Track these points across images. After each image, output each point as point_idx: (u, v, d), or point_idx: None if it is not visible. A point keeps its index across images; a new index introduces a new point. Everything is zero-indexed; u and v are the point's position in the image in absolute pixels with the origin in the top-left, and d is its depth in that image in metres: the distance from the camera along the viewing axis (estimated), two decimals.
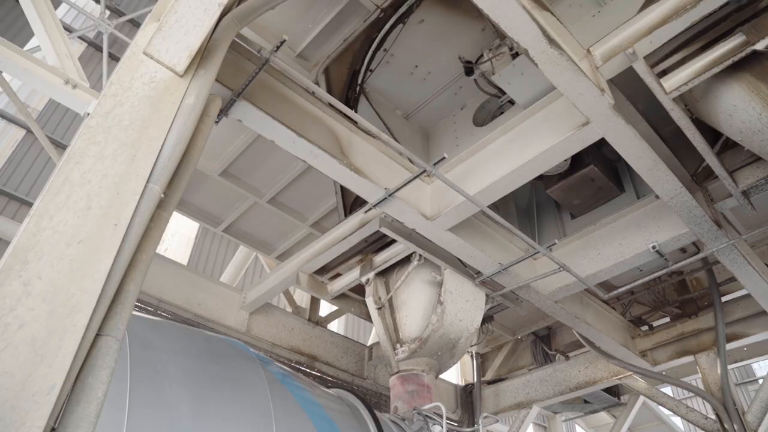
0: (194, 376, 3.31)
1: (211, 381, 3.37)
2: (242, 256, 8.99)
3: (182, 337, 3.60)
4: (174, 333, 3.59)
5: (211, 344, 3.73)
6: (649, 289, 7.66)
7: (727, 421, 6.76)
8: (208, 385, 3.32)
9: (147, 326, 3.48)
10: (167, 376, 3.19)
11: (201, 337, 3.75)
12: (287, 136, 3.87)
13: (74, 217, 2.07)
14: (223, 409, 3.28)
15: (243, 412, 3.40)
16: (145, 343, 3.24)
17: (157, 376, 3.13)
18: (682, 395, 22.03)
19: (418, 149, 6.01)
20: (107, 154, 2.28)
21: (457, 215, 4.56)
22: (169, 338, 3.50)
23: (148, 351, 3.21)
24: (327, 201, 7.05)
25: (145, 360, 3.13)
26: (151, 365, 3.15)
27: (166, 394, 3.10)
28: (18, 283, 1.85)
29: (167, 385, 3.16)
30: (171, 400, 3.10)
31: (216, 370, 3.49)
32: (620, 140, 3.84)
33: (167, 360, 3.28)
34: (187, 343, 3.55)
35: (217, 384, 3.39)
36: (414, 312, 5.64)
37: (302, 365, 7.30)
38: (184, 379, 3.25)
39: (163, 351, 3.32)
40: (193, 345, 3.57)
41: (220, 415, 3.24)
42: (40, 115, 12.50)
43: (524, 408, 9.04)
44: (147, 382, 3.02)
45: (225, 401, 3.34)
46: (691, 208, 4.49)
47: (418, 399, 5.35)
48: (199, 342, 3.65)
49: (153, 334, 3.42)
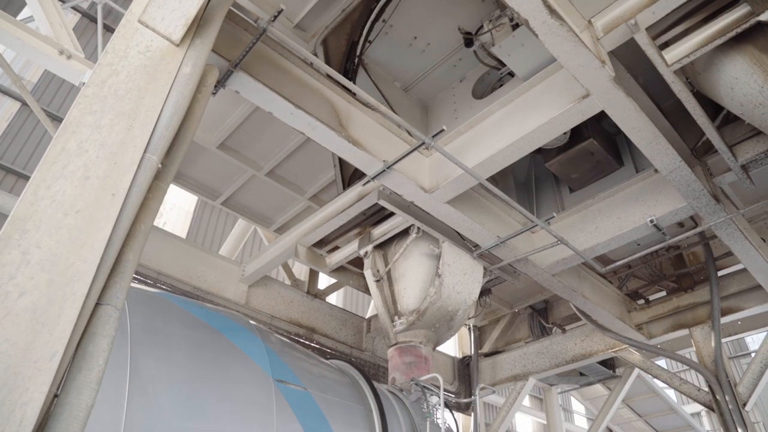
0: (194, 348, 3.34)
1: (210, 352, 3.41)
2: (241, 229, 9.01)
3: (182, 308, 3.63)
4: (173, 305, 3.61)
5: (210, 316, 3.76)
6: (646, 263, 7.71)
7: (719, 393, 6.87)
8: (207, 357, 3.36)
9: (146, 298, 3.50)
10: (167, 347, 3.22)
11: (200, 309, 3.78)
12: (285, 108, 3.84)
13: (72, 187, 2.06)
14: (222, 381, 3.32)
15: (242, 384, 3.44)
16: (145, 314, 3.27)
17: (157, 347, 3.16)
18: (677, 368, 22.35)
19: (417, 122, 5.98)
20: (104, 123, 2.26)
21: (456, 188, 4.55)
22: (169, 310, 3.52)
23: (148, 322, 3.24)
24: (325, 174, 7.03)
25: (145, 331, 3.16)
26: (151, 336, 3.17)
27: (166, 366, 3.13)
28: (17, 252, 1.86)
29: (167, 357, 3.19)
30: (171, 372, 3.13)
31: (215, 342, 3.52)
32: (620, 113, 3.82)
33: (167, 331, 3.31)
34: (186, 314, 3.58)
35: (217, 355, 3.42)
36: (412, 284, 5.68)
37: (301, 337, 7.37)
38: (184, 350, 3.28)
39: (162, 322, 3.35)
40: (193, 317, 3.60)
41: (220, 386, 3.28)
42: (35, 87, 12.38)
43: (521, 380, 9.17)
44: (147, 353, 3.06)
45: (224, 372, 3.38)
46: (689, 182, 4.49)
47: (416, 370, 5.42)
48: (198, 314, 3.68)
49: (152, 306, 3.44)
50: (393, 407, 4.64)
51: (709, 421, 21.92)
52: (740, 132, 4.61)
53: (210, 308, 3.91)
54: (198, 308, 3.77)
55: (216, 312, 3.89)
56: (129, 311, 3.13)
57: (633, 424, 13.59)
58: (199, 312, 3.71)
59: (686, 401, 22.20)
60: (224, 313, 3.95)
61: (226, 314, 3.95)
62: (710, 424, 21.85)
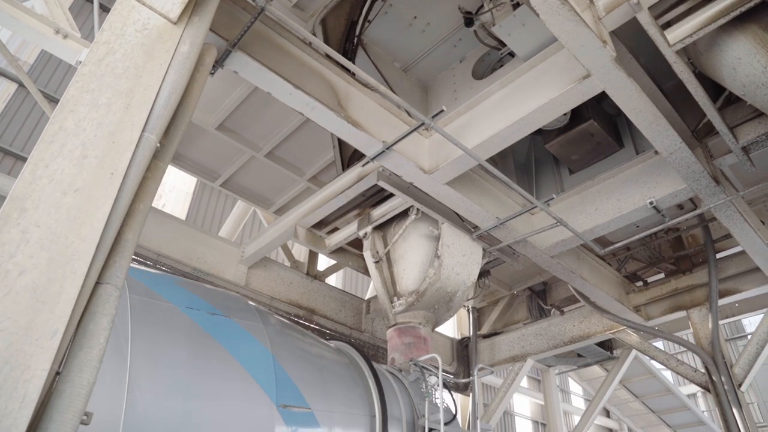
0: (194, 329, 3.36)
1: (210, 333, 3.42)
2: (240, 210, 9.01)
3: (182, 289, 3.64)
4: (173, 285, 3.63)
5: (210, 297, 3.77)
6: (645, 245, 7.73)
7: (716, 374, 6.93)
8: (207, 338, 3.38)
9: (147, 278, 3.51)
10: (167, 328, 3.23)
11: (200, 290, 3.79)
12: (284, 88, 3.82)
13: (70, 166, 2.06)
14: (222, 360, 3.35)
15: (243, 363, 3.47)
16: (146, 294, 3.28)
17: (158, 327, 3.18)
18: (674, 350, 22.54)
19: (417, 102, 5.94)
20: (101, 102, 2.25)
21: (455, 169, 4.54)
22: (169, 290, 3.53)
23: (149, 302, 3.25)
24: (324, 155, 7.01)
25: (146, 311, 3.17)
26: (152, 317, 3.19)
27: (167, 346, 3.15)
28: (16, 231, 1.86)
29: (168, 337, 3.20)
30: (171, 352, 3.15)
31: (216, 322, 3.54)
32: (621, 94, 3.80)
33: (167, 312, 3.33)
34: (186, 295, 3.59)
35: (217, 336, 3.44)
36: (411, 266, 5.70)
37: (301, 318, 7.41)
38: (184, 331, 3.30)
39: (163, 303, 3.36)
40: (193, 297, 3.62)
41: (220, 365, 3.31)
42: (32, 68, 12.28)
43: (519, 361, 9.25)
44: (147, 334, 3.07)
45: (225, 352, 3.40)
46: (690, 164, 4.48)
47: (415, 351, 5.46)
48: (198, 294, 3.69)
49: (153, 286, 3.45)
50: (392, 387, 4.68)
51: (705, 402, 22.18)
52: (741, 113, 4.59)
53: (209, 289, 3.93)
54: (198, 289, 3.78)
55: (216, 293, 3.91)
56: (129, 292, 3.13)
57: (630, 405, 13.76)
58: (199, 293, 3.73)
59: (682, 382, 22.44)
60: (224, 294, 3.97)
61: (226, 295, 3.97)
62: (706, 404, 22.11)
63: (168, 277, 3.79)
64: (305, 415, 3.69)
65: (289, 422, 3.52)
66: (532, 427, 22.17)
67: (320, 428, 3.80)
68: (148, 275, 3.62)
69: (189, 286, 3.76)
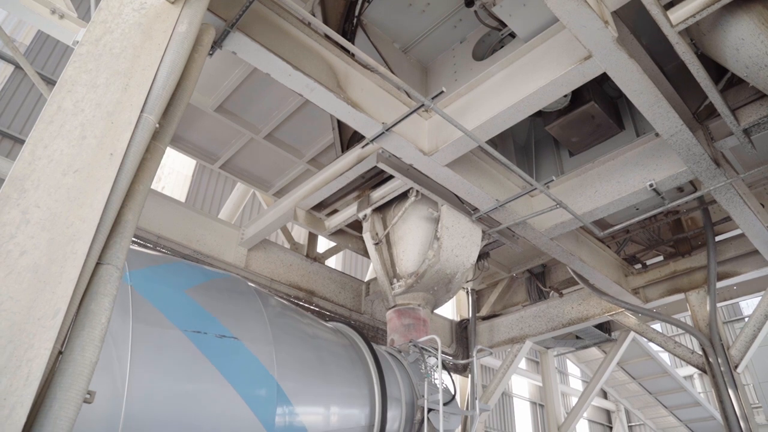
0: (195, 310, 3.37)
1: (211, 314, 3.44)
2: (240, 193, 9.00)
3: (182, 271, 3.65)
4: (174, 267, 3.64)
5: (210, 279, 3.78)
6: (644, 227, 7.74)
7: (712, 356, 6.99)
8: (208, 319, 3.39)
9: (147, 260, 3.52)
10: (168, 309, 3.25)
11: (201, 272, 3.81)
12: (283, 69, 3.79)
13: (69, 146, 2.05)
14: (223, 340, 3.37)
15: (243, 344, 3.49)
16: (146, 276, 3.29)
17: (159, 309, 3.19)
18: (672, 332, 22.70)
19: (416, 84, 5.90)
20: (99, 82, 2.24)
21: (455, 151, 4.53)
22: (170, 272, 3.55)
23: (149, 284, 3.26)
24: (324, 137, 6.99)
25: (147, 293, 3.18)
26: (153, 298, 3.20)
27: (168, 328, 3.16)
28: (17, 212, 1.86)
29: (169, 318, 3.22)
30: (172, 334, 3.16)
31: (216, 304, 3.56)
32: (622, 75, 3.77)
33: (168, 293, 3.34)
34: (187, 277, 3.61)
35: (218, 316, 3.46)
36: (411, 247, 5.71)
37: (300, 300, 7.45)
38: (185, 312, 3.31)
39: (163, 284, 3.38)
40: (194, 279, 3.63)
41: (221, 346, 3.33)
42: (28, 49, 12.18)
43: (517, 343, 9.32)
44: (148, 315, 3.09)
45: (225, 333, 3.42)
46: (690, 146, 4.47)
47: (414, 332, 5.49)
48: (199, 276, 3.71)
49: (153, 268, 3.46)
50: (391, 368, 4.73)
51: (701, 383, 22.40)
52: (743, 95, 4.57)
53: (210, 271, 3.94)
54: (198, 271, 3.79)
55: (216, 275, 3.92)
56: (130, 274, 3.15)
57: (627, 386, 13.88)
58: (200, 275, 3.74)
59: (679, 364, 22.64)
60: (224, 276, 3.98)
61: (226, 277, 3.98)
62: (702, 386, 22.34)
63: (168, 259, 3.80)
64: (305, 394, 3.73)
65: (290, 401, 3.55)
66: (530, 408, 22.42)
67: (321, 408, 3.85)
68: (148, 257, 3.63)
69: (189, 267, 3.77)
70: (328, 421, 3.88)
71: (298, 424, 3.62)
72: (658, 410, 14.43)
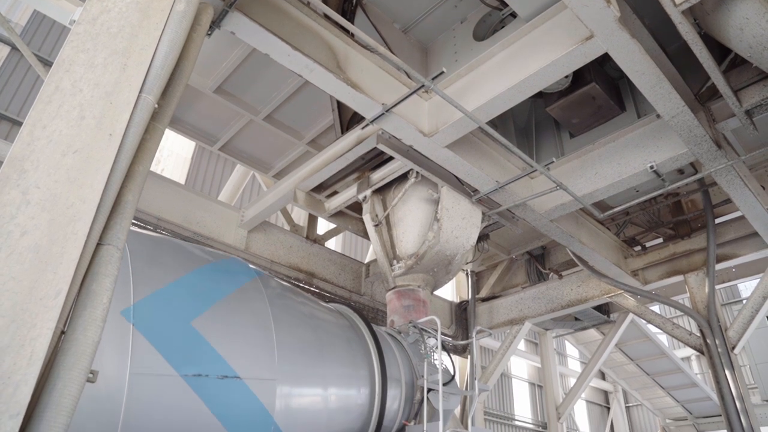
0: (196, 291, 3.39)
1: (212, 295, 3.46)
2: (239, 175, 8.98)
3: (183, 253, 3.66)
4: (174, 249, 3.64)
5: (211, 260, 3.79)
6: (644, 209, 7.75)
7: (710, 337, 7.04)
8: (209, 300, 3.41)
9: (148, 242, 3.53)
10: (170, 290, 3.26)
11: (201, 253, 3.81)
12: (282, 50, 3.76)
13: (68, 127, 2.04)
14: (224, 321, 3.39)
15: (244, 325, 3.51)
16: (147, 258, 3.30)
17: (160, 290, 3.21)
18: (670, 314, 22.83)
19: (417, 65, 5.86)
20: (97, 62, 2.22)
21: (455, 132, 4.51)
22: (170, 254, 3.55)
23: (150, 266, 3.27)
24: (323, 118, 6.95)
25: (148, 274, 3.19)
26: (153, 280, 3.21)
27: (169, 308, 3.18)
28: (17, 192, 1.86)
29: (170, 299, 3.23)
30: (174, 314, 3.18)
31: (217, 285, 3.57)
32: (624, 56, 3.74)
33: (169, 275, 3.35)
34: (187, 258, 3.62)
35: (219, 297, 3.48)
36: (411, 229, 5.72)
37: (301, 282, 7.48)
38: (186, 293, 3.33)
39: (164, 266, 3.39)
40: (194, 260, 3.64)
41: (222, 327, 3.35)
42: (24, 30, 12.06)
43: (517, 324, 9.38)
44: (150, 297, 3.10)
45: (226, 314, 3.44)
46: (692, 128, 4.45)
47: (414, 313, 5.53)
48: (199, 258, 3.71)
49: (154, 250, 3.47)
50: (391, 349, 4.76)
51: (699, 365, 22.60)
52: (746, 76, 4.54)
53: (210, 252, 3.95)
54: (199, 253, 3.80)
55: (216, 256, 3.93)
56: (130, 256, 3.15)
57: (625, 368, 14.00)
58: (200, 256, 3.75)
59: (677, 346, 22.81)
60: (225, 258, 3.99)
61: (226, 258, 3.99)
62: (699, 367, 22.54)
63: (168, 241, 3.80)
64: (306, 374, 3.76)
65: (290, 381, 3.59)
66: (529, 389, 22.63)
67: (320, 388, 3.88)
68: (148, 239, 3.63)
69: (189, 249, 3.78)
70: (328, 401, 3.92)
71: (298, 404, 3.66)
72: (656, 391, 14.59)
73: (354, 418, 4.11)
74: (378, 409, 4.28)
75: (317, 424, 3.79)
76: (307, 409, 3.72)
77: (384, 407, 4.30)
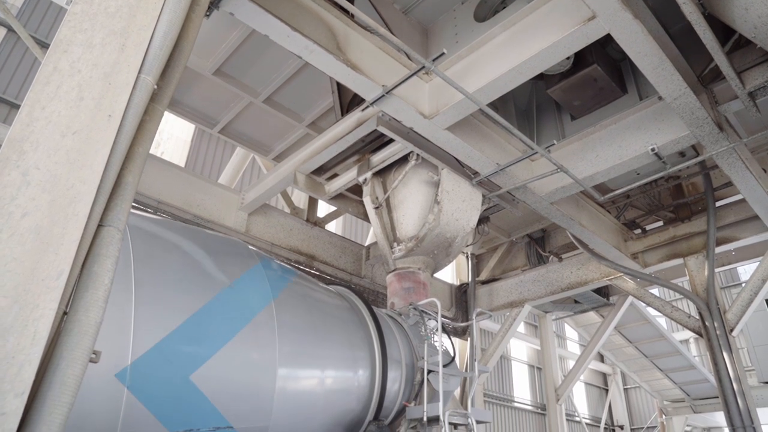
0: (197, 272, 3.39)
1: (213, 275, 3.46)
2: (239, 158, 8.96)
3: (184, 234, 3.66)
4: (175, 230, 3.64)
5: (212, 241, 3.80)
6: (644, 192, 7.75)
7: (709, 319, 7.08)
8: (210, 280, 3.42)
9: (148, 224, 3.53)
10: (170, 272, 3.27)
11: (202, 235, 3.82)
12: (281, 31, 3.73)
13: (67, 108, 2.03)
14: (225, 301, 3.40)
15: (245, 305, 3.52)
16: (148, 239, 3.30)
17: (161, 272, 3.21)
18: (670, 297, 22.92)
19: (417, 46, 5.81)
20: (95, 42, 2.20)
21: (456, 114, 4.49)
22: (171, 236, 3.56)
23: (151, 248, 3.27)
24: (323, 100, 6.91)
25: (148, 256, 3.20)
26: (154, 261, 3.22)
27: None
28: (17, 173, 1.85)
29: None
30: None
31: (218, 266, 3.57)
32: (627, 37, 3.71)
33: (170, 257, 3.36)
34: (188, 240, 3.62)
35: (220, 278, 3.48)
36: (411, 211, 5.72)
37: (301, 264, 7.50)
38: (187, 274, 3.33)
39: (165, 248, 3.39)
40: (195, 242, 3.64)
41: (224, 306, 3.36)
42: (20, 12, 11.93)
43: (516, 307, 9.42)
44: (151, 278, 3.11)
45: (227, 295, 3.45)
46: (694, 110, 4.43)
47: (414, 295, 5.55)
48: (200, 239, 3.72)
49: (155, 232, 3.47)
50: (392, 330, 4.79)
51: (697, 348, 22.73)
52: (750, 58, 4.51)
53: (211, 234, 3.95)
54: (199, 234, 3.80)
55: (217, 238, 3.93)
56: (131, 237, 3.15)
57: (624, 350, 14.09)
58: (201, 238, 3.75)
59: (675, 329, 22.93)
60: (225, 239, 4.00)
61: (227, 240, 4.00)
62: (697, 350, 22.68)
63: (169, 223, 3.80)
64: (306, 356, 3.79)
65: (291, 363, 3.61)
66: (528, 372, 22.80)
67: (321, 370, 3.91)
68: (149, 221, 3.63)
69: (190, 231, 3.78)
70: (329, 383, 3.95)
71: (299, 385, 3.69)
72: (654, 373, 14.70)
73: (354, 399, 4.15)
74: (378, 390, 4.31)
75: (317, 406, 3.82)
76: (307, 390, 3.75)
77: (384, 388, 4.33)
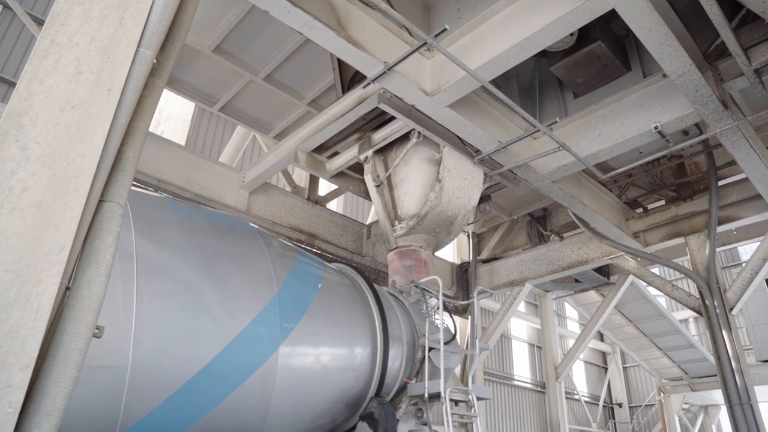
0: (199, 249, 3.40)
1: (216, 251, 3.47)
2: (240, 136, 8.92)
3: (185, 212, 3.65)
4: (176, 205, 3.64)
5: (213, 219, 3.80)
6: (646, 171, 7.71)
7: (709, 298, 7.10)
8: (213, 257, 3.42)
9: (150, 202, 3.52)
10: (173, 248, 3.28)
11: (204, 212, 3.81)
12: (282, 6, 3.68)
13: (65, 82, 2.01)
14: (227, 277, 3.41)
15: (247, 282, 3.54)
16: (149, 217, 3.30)
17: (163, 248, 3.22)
18: (671, 276, 22.98)
19: (419, 22, 5.74)
20: (93, 15, 2.17)
21: (458, 91, 4.45)
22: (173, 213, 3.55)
23: (153, 225, 3.27)
24: (324, 78, 6.85)
25: (150, 234, 3.20)
26: (156, 239, 3.22)
27: (173, 266, 3.20)
28: (16, 148, 1.84)
29: (173, 257, 3.25)
30: (178, 271, 3.20)
31: (220, 243, 3.58)
32: (631, 12, 3.65)
33: (172, 234, 3.36)
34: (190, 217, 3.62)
35: (222, 254, 3.49)
36: (412, 189, 5.70)
37: (302, 243, 7.51)
38: (189, 250, 3.34)
39: (167, 225, 3.39)
40: (197, 219, 3.64)
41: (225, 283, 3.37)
42: None
43: (517, 285, 9.46)
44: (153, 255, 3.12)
45: (230, 270, 3.46)
46: (698, 87, 4.38)
47: (416, 273, 5.56)
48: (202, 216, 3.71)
49: (156, 210, 3.47)
50: (393, 308, 4.81)
51: (696, 327, 22.85)
52: (757, 34, 4.45)
53: (212, 211, 3.95)
54: (201, 212, 3.80)
55: (218, 215, 3.93)
56: (132, 215, 3.15)
57: (623, 329, 14.16)
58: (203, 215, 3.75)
59: (675, 308, 23.04)
60: (227, 217, 4.00)
61: (228, 218, 4.00)
62: (696, 329, 22.80)
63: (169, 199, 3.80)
64: (308, 333, 3.81)
65: (293, 341, 3.64)
66: (528, 350, 22.98)
67: (323, 347, 3.94)
68: (150, 198, 3.63)
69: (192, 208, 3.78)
70: (330, 360, 3.98)
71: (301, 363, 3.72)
72: (653, 352, 14.80)
73: (356, 377, 4.18)
74: (380, 367, 4.35)
75: (319, 383, 3.85)
76: (309, 368, 3.78)
77: (386, 366, 4.37)
